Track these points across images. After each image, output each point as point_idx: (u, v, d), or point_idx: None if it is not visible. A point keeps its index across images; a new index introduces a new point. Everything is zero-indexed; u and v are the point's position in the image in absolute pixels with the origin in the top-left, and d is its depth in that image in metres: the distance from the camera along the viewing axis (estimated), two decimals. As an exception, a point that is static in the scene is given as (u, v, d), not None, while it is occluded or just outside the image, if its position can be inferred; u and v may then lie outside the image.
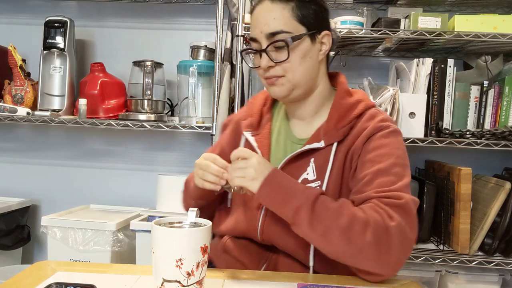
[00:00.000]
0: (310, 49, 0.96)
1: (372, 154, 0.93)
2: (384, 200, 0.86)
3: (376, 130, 0.95)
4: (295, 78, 0.96)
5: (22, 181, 2.18)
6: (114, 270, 0.89)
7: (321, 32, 0.97)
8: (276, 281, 0.87)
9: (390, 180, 0.89)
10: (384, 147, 0.94)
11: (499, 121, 1.67)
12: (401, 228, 0.84)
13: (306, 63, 0.96)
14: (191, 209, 0.77)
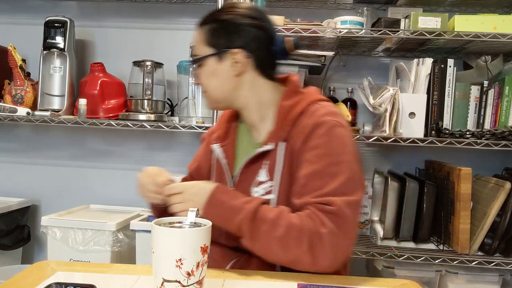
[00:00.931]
0: (217, 68, 1.01)
1: (309, 154, 0.95)
2: (319, 206, 0.89)
3: (315, 127, 0.96)
4: (210, 95, 1.05)
5: (22, 181, 2.18)
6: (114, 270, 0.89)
7: (231, 50, 1.00)
8: (276, 281, 0.87)
9: (324, 183, 0.91)
10: (322, 147, 0.94)
11: (499, 121, 1.67)
12: (333, 234, 0.87)
13: (215, 81, 1.02)
14: (191, 209, 0.77)
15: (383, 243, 1.71)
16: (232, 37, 1.00)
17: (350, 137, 0.98)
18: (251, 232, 0.90)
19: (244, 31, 1.00)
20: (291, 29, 1.62)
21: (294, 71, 1.63)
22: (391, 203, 1.70)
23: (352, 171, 0.93)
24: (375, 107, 1.63)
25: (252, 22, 1.01)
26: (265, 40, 1.02)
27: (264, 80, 1.05)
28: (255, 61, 1.01)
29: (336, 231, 0.87)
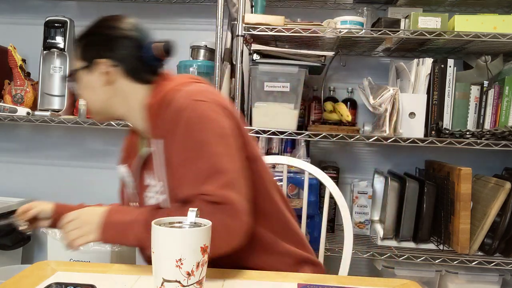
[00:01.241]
0: (89, 80, 1.03)
1: (175, 144, 0.92)
2: (199, 197, 0.86)
3: (174, 114, 0.93)
4: (89, 106, 1.08)
5: (22, 181, 2.18)
6: (114, 270, 0.89)
7: (97, 61, 1.01)
8: (276, 281, 0.87)
9: (192, 172, 0.88)
10: (183, 133, 0.91)
11: (499, 121, 1.67)
12: (221, 222, 0.84)
13: (89, 93, 1.05)
14: (191, 209, 0.77)
15: (383, 243, 1.71)
16: (99, 48, 1.03)
17: (211, 111, 0.93)
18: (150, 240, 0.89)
19: (110, 41, 1.02)
20: (291, 29, 1.62)
21: (294, 71, 1.63)
22: (391, 203, 1.70)
23: (216, 148, 0.89)
24: (375, 107, 1.63)
25: (117, 32, 1.03)
26: (132, 48, 1.03)
27: (139, 85, 1.03)
28: (123, 69, 1.02)
29: (223, 217, 0.85)
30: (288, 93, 1.65)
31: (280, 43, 1.91)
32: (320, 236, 1.35)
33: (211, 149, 0.89)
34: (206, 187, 0.86)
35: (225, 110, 0.96)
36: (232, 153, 0.92)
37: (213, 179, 0.87)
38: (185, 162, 0.90)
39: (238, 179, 0.90)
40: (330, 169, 1.83)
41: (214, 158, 0.88)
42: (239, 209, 0.87)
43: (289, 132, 1.64)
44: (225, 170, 0.88)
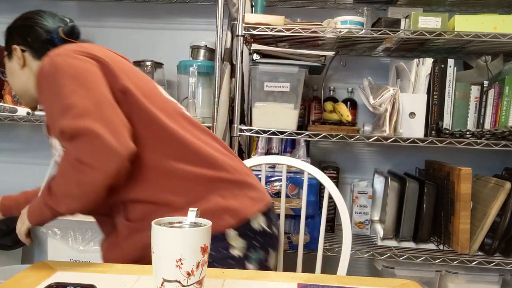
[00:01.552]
0: (9, 66, 1.15)
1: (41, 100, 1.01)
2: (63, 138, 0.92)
3: (37, 80, 1.00)
4: (14, 90, 1.20)
5: (22, 181, 2.18)
6: (114, 270, 0.89)
7: (13, 47, 1.13)
8: (276, 281, 0.87)
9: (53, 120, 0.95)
10: (41, 97, 1.00)
11: (499, 121, 1.67)
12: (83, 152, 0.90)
13: (12, 78, 1.16)
14: (191, 209, 0.77)
15: (383, 243, 1.71)
16: (13, 37, 1.14)
17: (63, 59, 0.98)
18: (50, 200, 0.96)
19: (19, 30, 1.14)
20: (291, 29, 1.62)
21: (294, 71, 1.63)
22: (391, 203, 1.70)
23: (69, 87, 0.94)
24: (375, 107, 1.63)
25: (25, 22, 1.14)
26: (38, 33, 1.12)
27: None
28: (32, 53, 1.12)
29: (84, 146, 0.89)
30: (288, 93, 1.65)
31: (280, 43, 1.91)
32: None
33: (64, 90, 0.94)
34: (61, 124, 0.91)
35: (82, 53, 1.01)
36: (89, 88, 0.95)
37: (66, 115, 0.91)
38: (47, 113, 0.99)
39: (95, 109, 0.92)
40: (330, 169, 1.83)
41: (67, 96, 0.93)
42: (98, 132, 0.89)
43: (289, 132, 1.64)
44: (77, 104, 0.91)
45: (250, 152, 1.91)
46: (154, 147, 1.01)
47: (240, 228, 1.01)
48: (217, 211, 1.00)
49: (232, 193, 1.03)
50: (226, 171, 1.05)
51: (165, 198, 1.00)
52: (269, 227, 1.07)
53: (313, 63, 1.65)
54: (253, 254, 1.02)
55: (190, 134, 1.06)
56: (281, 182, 1.61)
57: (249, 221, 1.03)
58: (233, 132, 1.67)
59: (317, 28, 1.63)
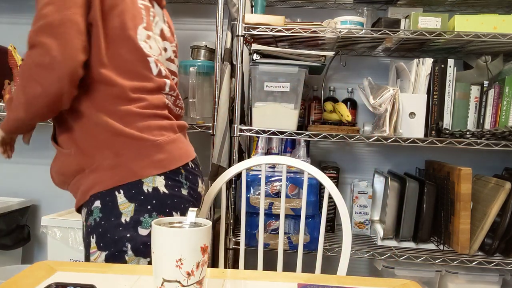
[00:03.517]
0: None
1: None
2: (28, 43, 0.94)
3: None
4: None
5: (22, 181, 2.18)
6: (114, 270, 0.89)
7: None
8: (276, 281, 0.87)
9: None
10: None
11: (499, 121, 1.67)
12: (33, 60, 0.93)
13: None
14: (191, 209, 0.77)
15: (383, 243, 1.71)
16: None
17: None
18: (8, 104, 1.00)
19: None
20: (291, 29, 1.62)
21: (294, 71, 1.63)
22: (391, 203, 1.70)
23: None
24: (375, 107, 1.63)
25: None
26: None
27: None
28: None
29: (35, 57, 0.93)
30: (288, 93, 1.65)
31: (280, 43, 1.91)
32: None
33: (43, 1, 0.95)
34: (30, 32, 0.94)
35: None
36: (65, 5, 0.94)
37: (34, 24, 0.94)
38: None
39: (60, 25, 0.93)
40: (330, 169, 1.83)
41: (43, 7, 0.94)
42: (48, 49, 0.92)
43: (289, 132, 1.64)
44: (45, 16, 0.93)
45: (250, 152, 1.91)
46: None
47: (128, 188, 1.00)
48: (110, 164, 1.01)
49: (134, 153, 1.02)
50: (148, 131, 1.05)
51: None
52: (171, 189, 1.05)
53: (313, 63, 1.65)
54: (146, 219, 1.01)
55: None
56: (281, 182, 1.61)
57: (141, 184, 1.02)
58: (233, 132, 1.67)
59: (317, 28, 1.63)
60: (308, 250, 1.67)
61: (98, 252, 0.99)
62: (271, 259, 1.91)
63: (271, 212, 1.66)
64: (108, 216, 0.99)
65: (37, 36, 0.92)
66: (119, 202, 0.99)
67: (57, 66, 0.92)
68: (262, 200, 1.38)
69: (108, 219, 0.99)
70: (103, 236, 0.99)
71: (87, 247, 1.02)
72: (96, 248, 1.00)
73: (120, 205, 0.99)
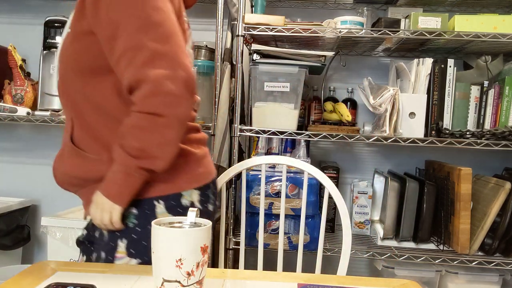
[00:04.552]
0: None
1: (106, 17, 0.89)
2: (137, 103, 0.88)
3: None
4: None
5: (22, 181, 2.18)
6: (114, 270, 0.89)
7: None
8: (276, 281, 0.87)
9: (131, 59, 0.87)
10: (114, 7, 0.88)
11: (499, 121, 1.67)
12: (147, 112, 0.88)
13: None
14: (191, 209, 0.77)
15: (383, 243, 1.71)
16: None
17: None
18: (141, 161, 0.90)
19: None
20: (291, 29, 1.62)
21: (294, 71, 1.63)
22: (391, 203, 1.70)
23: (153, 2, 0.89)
24: (375, 107, 1.63)
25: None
26: None
27: None
28: None
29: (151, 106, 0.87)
30: (288, 93, 1.65)
31: (280, 43, 1.91)
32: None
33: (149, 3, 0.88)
34: (143, 42, 0.86)
35: None
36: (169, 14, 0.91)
37: (149, 32, 0.87)
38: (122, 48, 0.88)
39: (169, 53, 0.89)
40: (330, 169, 1.83)
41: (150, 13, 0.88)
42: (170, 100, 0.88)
43: (289, 132, 1.64)
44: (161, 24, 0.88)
45: (250, 152, 1.91)
46: None
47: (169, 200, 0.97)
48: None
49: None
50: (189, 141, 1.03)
51: (104, 129, 0.97)
52: (203, 204, 1.04)
53: (313, 63, 1.65)
54: None
55: None
56: (281, 182, 1.61)
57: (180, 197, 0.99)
58: (233, 132, 1.67)
59: (317, 28, 1.63)
60: (308, 250, 1.67)
61: (128, 258, 0.96)
62: (271, 259, 1.91)
63: (271, 212, 1.66)
64: (144, 223, 0.96)
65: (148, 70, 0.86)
66: (158, 212, 0.97)
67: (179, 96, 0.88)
68: (262, 200, 1.38)
69: (144, 227, 0.96)
70: (136, 243, 0.96)
71: (109, 250, 0.97)
72: (126, 253, 0.96)
73: (159, 215, 0.96)
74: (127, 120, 0.91)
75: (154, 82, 0.86)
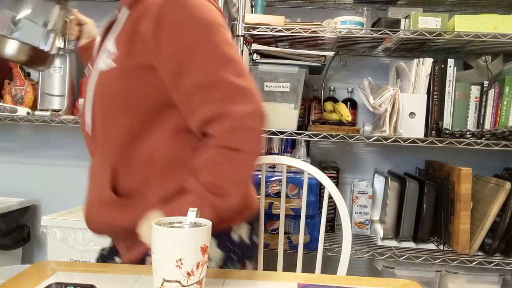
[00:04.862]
0: None
1: (167, 50, 0.85)
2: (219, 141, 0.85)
3: (164, 7, 0.85)
4: None
5: (22, 181, 2.18)
6: (114, 270, 0.89)
7: None
8: (276, 281, 0.87)
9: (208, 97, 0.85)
10: (181, 40, 0.85)
11: (499, 121, 1.67)
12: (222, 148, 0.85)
13: None
14: (191, 209, 0.77)
15: (383, 243, 1.71)
16: None
17: (209, 8, 0.90)
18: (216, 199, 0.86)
19: None
20: (291, 29, 1.62)
21: (294, 71, 1.63)
22: (391, 203, 1.70)
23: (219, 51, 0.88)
24: (375, 107, 1.63)
25: None
26: None
27: None
28: None
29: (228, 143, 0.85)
30: (288, 93, 1.65)
31: (280, 43, 1.91)
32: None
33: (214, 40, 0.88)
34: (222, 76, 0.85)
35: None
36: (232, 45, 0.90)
37: (227, 67, 0.86)
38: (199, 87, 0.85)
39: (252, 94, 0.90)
40: (330, 169, 1.83)
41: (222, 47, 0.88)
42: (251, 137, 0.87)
43: (289, 132, 1.64)
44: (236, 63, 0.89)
45: (250, 152, 1.90)
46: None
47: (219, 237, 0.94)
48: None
49: None
50: None
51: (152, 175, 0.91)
52: (250, 237, 1.02)
53: (313, 63, 1.65)
54: (229, 267, 0.97)
55: None
56: (281, 182, 1.61)
57: (231, 231, 0.97)
58: (233, 132, 1.67)
59: (317, 28, 1.63)
60: (308, 250, 1.67)
61: None
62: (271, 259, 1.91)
63: (271, 212, 1.66)
64: None
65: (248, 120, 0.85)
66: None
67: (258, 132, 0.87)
68: (262, 200, 1.38)
69: None
70: None
71: None
72: None
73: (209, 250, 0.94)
74: (203, 154, 0.87)
75: (236, 117, 0.84)
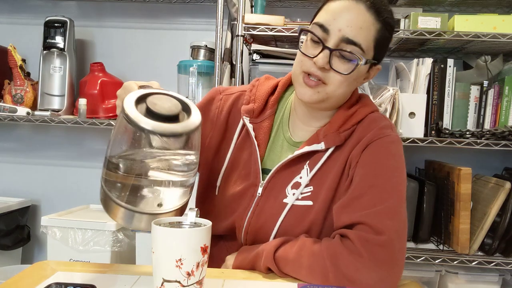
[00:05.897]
0: (362, 74, 0.93)
1: (367, 167, 0.88)
2: (363, 235, 0.82)
3: (376, 137, 0.90)
4: (334, 93, 0.89)
5: (22, 181, 2.18)
6: (114, 270, 0.89)
7: (378, 65, 0.95)
8: (276, 281, 0.87)
9: (376, 199, 0.85)
10: (380, 162, 0.88)
11: (499, 121, 1.67)
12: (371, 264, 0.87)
13: (351, 85, 0.91)
14: (191, 209, 0.77)
15: (383, 243, 1.70)
16: (386, 50, 0.94)
17: (403, 154, 0.92)
18: (278, 271, 0.87)
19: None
20: (291, 29, 1.62)
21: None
22: (391, 203, 1.70)
23: (403, 193, 0.87)
24: (375, 107, 1.63)
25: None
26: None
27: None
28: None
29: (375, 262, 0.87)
30: (288, 93, 1.65)
31: (280, 43, 1.91)
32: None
33: (401, 190, 0.87)
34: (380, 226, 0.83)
35: None
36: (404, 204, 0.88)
37: (392, 219, 0.84)
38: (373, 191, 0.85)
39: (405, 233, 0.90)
40: (330, 169, 1.83)
41: (400, 201, 0.86)
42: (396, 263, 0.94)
43: (289, 132, 1.64)
44: (403, 217, 0.86)
45: (250, 152, 1.90)
46: None
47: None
48: None
49: None
50: None
51: None
52: None
53: (313, 63, 1.64)
54: None
55: None
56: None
57: None
58: (233, 132, 1.67)
59: (317, 28, 1.63)
60: (308, 250, 1.66)
61: None
62: (271, 259, 1.91)
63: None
64: None
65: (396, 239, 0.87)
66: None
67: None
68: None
69: None
70: None
71: None
72: None
73: None
74: (330, 242, 0.84)
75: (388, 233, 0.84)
